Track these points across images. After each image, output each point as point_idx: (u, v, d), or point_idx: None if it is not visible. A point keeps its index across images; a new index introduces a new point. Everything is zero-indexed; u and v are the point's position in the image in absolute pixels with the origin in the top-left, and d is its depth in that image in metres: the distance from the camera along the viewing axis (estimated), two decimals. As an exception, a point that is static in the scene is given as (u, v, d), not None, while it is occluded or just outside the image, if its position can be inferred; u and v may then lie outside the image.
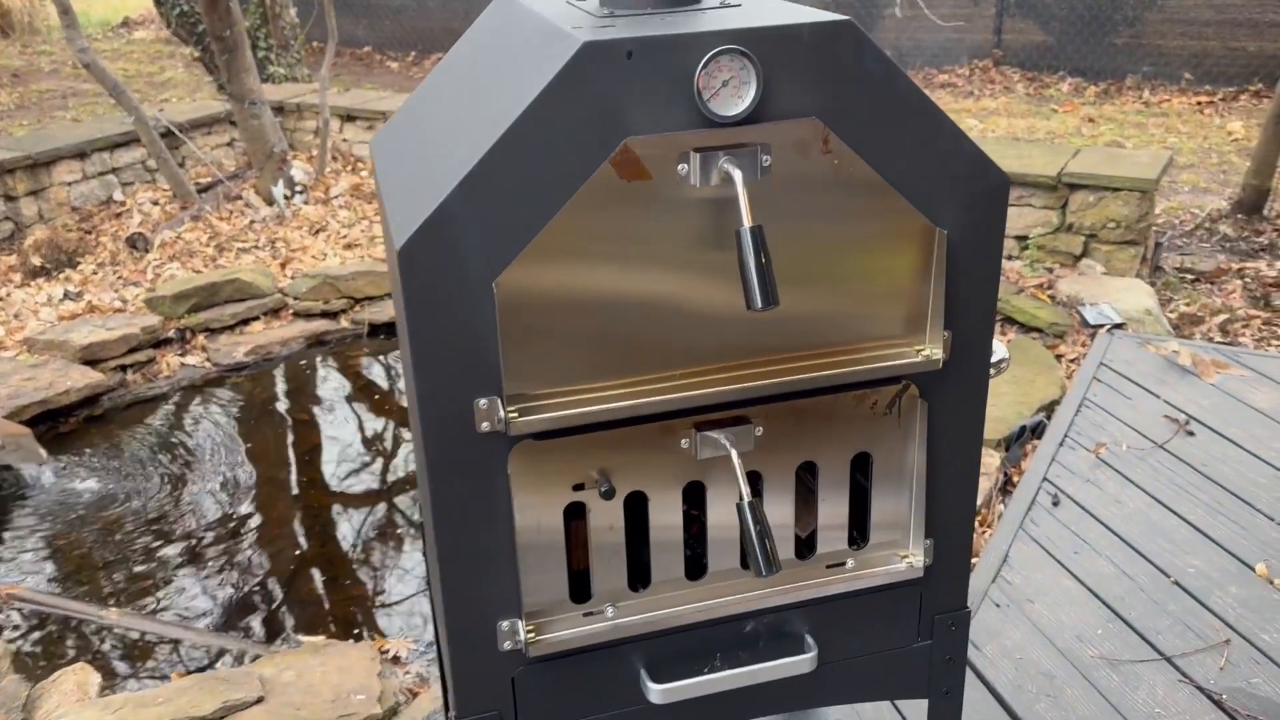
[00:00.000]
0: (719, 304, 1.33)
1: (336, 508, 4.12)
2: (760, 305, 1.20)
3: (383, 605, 3.56)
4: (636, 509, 1.43)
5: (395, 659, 3.15)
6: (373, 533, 3.95)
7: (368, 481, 4.28)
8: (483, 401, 1.31)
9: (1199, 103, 8.38)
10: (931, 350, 1.44)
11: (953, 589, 1.62)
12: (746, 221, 1.22)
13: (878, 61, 1.29)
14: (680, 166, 1.26)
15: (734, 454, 1.39)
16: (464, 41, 1.73)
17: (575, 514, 1.41)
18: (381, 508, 4.12)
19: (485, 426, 1.32)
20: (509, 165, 1.21)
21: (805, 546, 1.56)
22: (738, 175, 1.24)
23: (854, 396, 1.46)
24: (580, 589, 1.45)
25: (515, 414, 1.31)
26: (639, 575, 1.47)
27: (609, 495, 1.40)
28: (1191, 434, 3.62)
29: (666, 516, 1.44)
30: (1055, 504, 3.28)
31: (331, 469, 4.38)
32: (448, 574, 1.39)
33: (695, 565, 1.51)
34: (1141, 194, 4.99)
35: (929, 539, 1.56)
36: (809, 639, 1.54)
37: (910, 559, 1.56)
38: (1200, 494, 3.31)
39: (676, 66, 1.22)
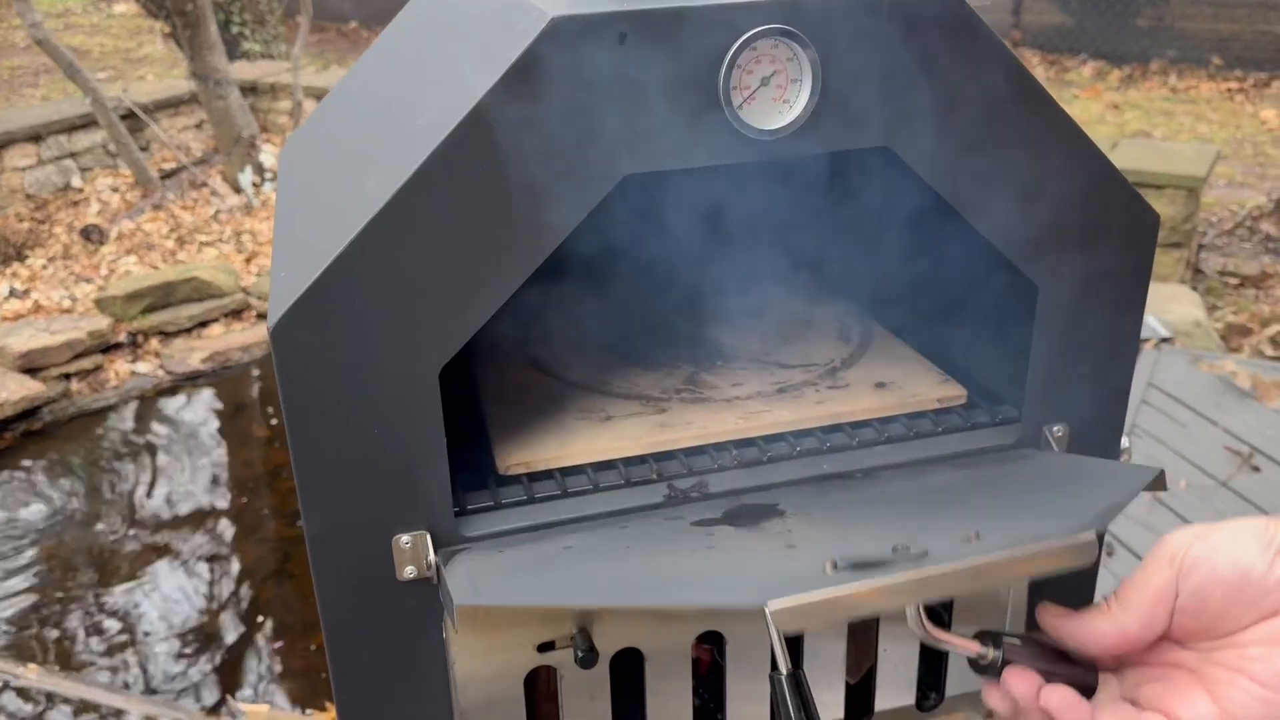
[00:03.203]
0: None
1: (304, 538, 3.71)
2: None
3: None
4: (628, 668, 1.03)
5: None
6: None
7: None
8: (405, 538, 0.91)
9: (1229, 89, 7.92)
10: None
11: (1049, 755, 1.22)
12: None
13: (992, 52, 0.87)
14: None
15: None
16: (403, 13, 1.31)
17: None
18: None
19: (410, 572, 0.92)
20: (437, 205, 0.80)
21: (858, 704, 1.16)
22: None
23: (931, 515, 1.05)
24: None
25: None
26: (631, 752, 1.07)
27: (590, 662, 0.99)
28: (1257, 469, 3.22)
29: (671, 679, 1.04)
30: (1109, 554, 2.87)
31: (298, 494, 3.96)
32: (360, 772, 0.98)
33: (707, 723, 1.11)
34: (1188, 192, 4.56)
35: (1022, 695, 1.16)
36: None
37: (997, 723, 1.16)
38: (1272, 542, 2.90)
39: (693, 55, 0.80)
